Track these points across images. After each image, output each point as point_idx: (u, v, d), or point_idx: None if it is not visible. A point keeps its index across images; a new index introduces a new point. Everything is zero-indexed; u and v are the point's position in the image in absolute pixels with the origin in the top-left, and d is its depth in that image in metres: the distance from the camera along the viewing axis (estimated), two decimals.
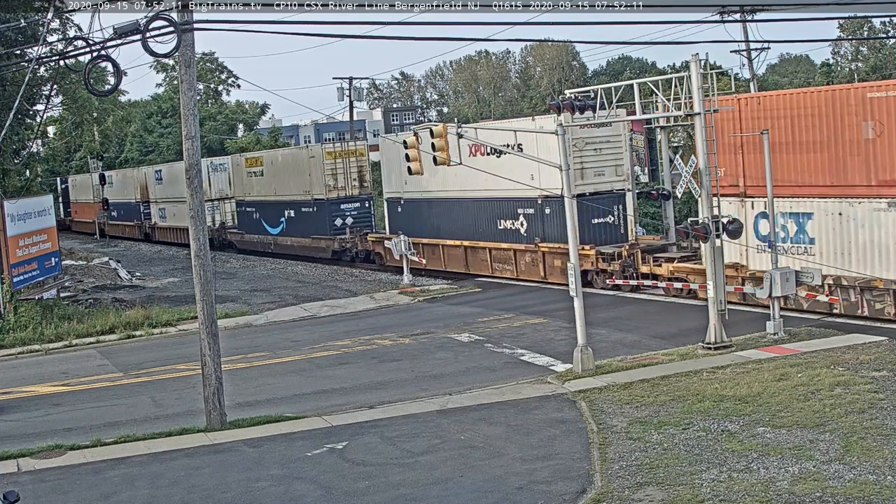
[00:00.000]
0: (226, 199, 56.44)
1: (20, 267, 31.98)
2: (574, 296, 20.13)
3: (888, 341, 20.04)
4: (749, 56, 45.03)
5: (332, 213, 44.23)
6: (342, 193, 44.55)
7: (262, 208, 50.39)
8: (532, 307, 28.55)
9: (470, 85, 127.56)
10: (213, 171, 56.05)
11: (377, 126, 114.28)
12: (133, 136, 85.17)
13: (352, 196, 44.64)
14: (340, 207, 44.38)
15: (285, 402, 19.68)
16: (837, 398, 16.13)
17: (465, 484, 13.82)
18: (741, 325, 22.48)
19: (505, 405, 17.92)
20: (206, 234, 18.37)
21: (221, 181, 56.26)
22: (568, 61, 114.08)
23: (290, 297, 35.34)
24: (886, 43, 76.56)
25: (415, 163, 22.28)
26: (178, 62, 18.08)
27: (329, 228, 44.21)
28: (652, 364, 20.06)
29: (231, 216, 56.02)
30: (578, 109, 21.47)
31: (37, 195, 37.12)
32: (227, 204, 56.22)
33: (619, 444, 14.94)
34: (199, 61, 77.84)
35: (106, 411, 20.26)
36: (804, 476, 12.80)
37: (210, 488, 14.56)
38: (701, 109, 21.01)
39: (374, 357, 23.63)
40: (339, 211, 44.36)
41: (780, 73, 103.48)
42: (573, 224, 20.66)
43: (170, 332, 29.32)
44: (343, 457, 15.59)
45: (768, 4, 34.89)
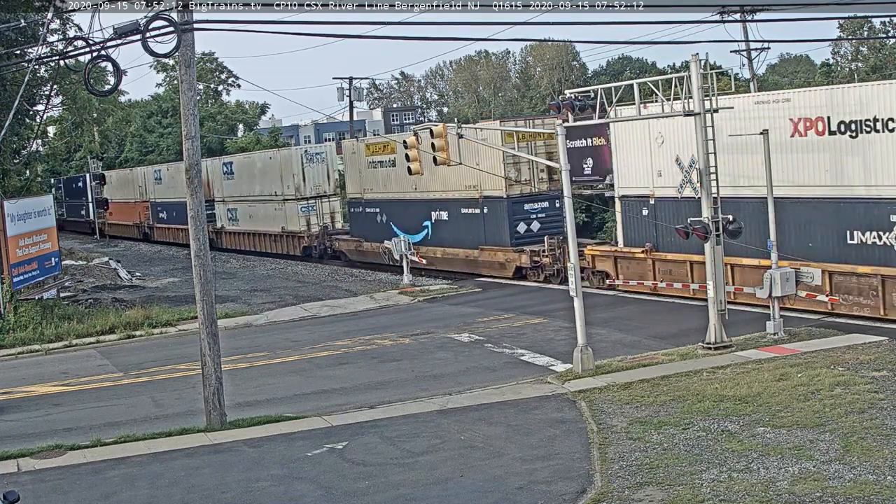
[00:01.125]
0: (325, 198, 46.62)
1: (20, 267, 31.98)
2: (574, 296, 20.13)
3: (888, 341, 20.04)
4: (749, 56, 45.06)
5: (514, 215, 33.27)
6: (525, 190, 33.60)
7: (390, 209, 39.55)
8: (532, 307, 28.55)
9: (470, 85, 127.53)
10: (308, 161, 45.90)
11: (377, 126, 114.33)
12: (133, 136, 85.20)
13: (539, 193, 33.76)
14: (524, 208, 33.45)
15: (285, 402, 19.68)
16: (837, 398, 16.13)
17: (465, 484, 13.82)
18: (741, 325, 22.47)
19: (505, 405, 17.92)
20: (206, 234, 18.33)
21: (318, 175, 46.28)
22: (568, 61, 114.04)
23: (290, 297, 35.34)
24: (886, 43, 76.55)
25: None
26: (178, 62, 18.09)
27: (510, 237, 33.35)
28: (652, 364, 20.06)
29: (334, 218, 46.53)
30: (578, 109, 21.47)
31: (37, 195, 37.11)
32: (327, 203, 46.55)
33: (619, 444, 14.94)
34: (199, 61, 77.86)
35: (106, 411, 20.26)
36: (804, 476, 12.80)
37: (210, 488, 14.56)
38: (701, 109, 21.00)
39: (374, 357, 23.62)
40: (523, 213, 33.40)
41: (780, 73, 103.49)
42: (572, 224, 20.69)
43: (170, 332, 29.33)
44: (343, 457, 15.59)
45: (768, 4, 34.91)
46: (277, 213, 47.93)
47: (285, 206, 47.09)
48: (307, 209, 45.83)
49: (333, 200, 46.61)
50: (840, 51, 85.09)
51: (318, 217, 45.87)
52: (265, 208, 49.16)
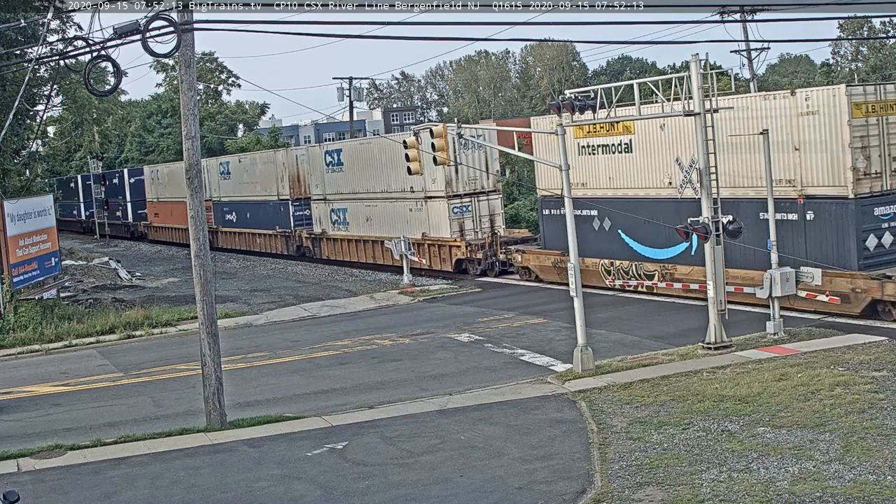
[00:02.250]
0: (482, 194, 36.22)
1: (20, 267, 31.98)
2: (574, 296, 20.13)
3: (888, 341, 20.05)
4: (749, 56, 45.05)
5: (863, 222, 22.78)
6: (877, 186, 22.98)
7: (619, 212, 28.03)
8: (532, 307, 28.56)
9: (470, 85, 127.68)
10: (462, 147, 33.60)
11: (377, 126, 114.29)
12: (133, 136, 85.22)
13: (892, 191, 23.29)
14: (874, 213, 23.00)
15: (285, 402, 19.68)
16: (837, 398, 16.13)
17: (465, 484, 13.82)
18: (741, 325, 22.48)
19: (505, 405, 17.93)
20: (206, 234, 18.33)
21: (476, 161, 35.89)
22: (568, 61, 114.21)
23: (290, 297, 35.35)
24: (886, 43, 76.58)
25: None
26: (178, 62, 18.10)
27: (857, 256, 22.73)
28: (652, 364, 20.07)
29: (494, 222, 36.38)
30: (578, 109, 21.45)
31: (37, 195, 37.11)
32: (485, 202, 36.27)
33: (619, 444, 14.94)
34: (199, 61, 77.82)
35: (106, 411, 20.26)
36: (804, 476, 12.80)
37: (210, 488, 14.56)
38: (701, 109, 21.00)
39: (374, 357, 23.63)
40: (874, 220, 22.98)
41: (780, 73, 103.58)
42: (572, 224, 20.69)
43: (170, 332, 29.33)
44: (343, 457, 15.59)
45: (768, 4, 34.93)
46: (414, 214, 37.78)
47: (427, 206, 37.03)
48: (460, 210, 35.64)
49: (494, 199, 36.54)
50: (840, 51, 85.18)
51: (474, 220, 35.93)
52: (393, 208, 39.25)
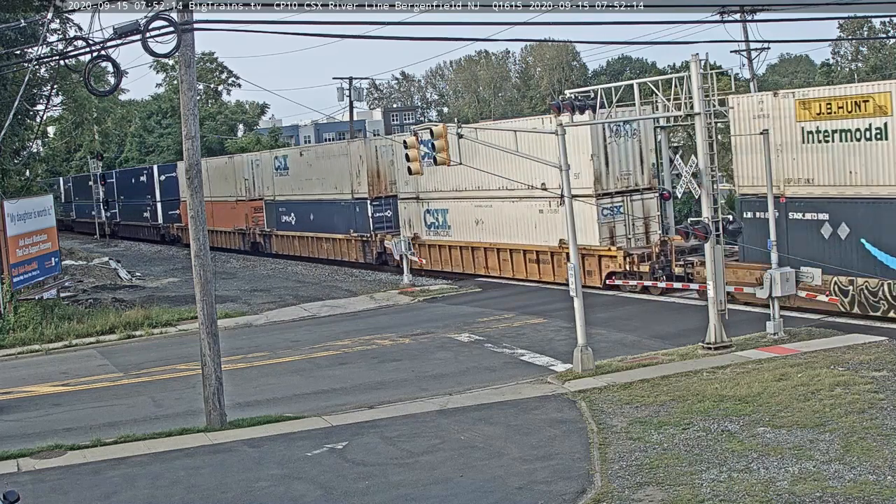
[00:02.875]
0: (636, 192, 30.50)
1: (20, 267, 31.97)
2: (574, 296, 20.13)
3: (888, 341, 20.05)
4: (749, 56, 44.98)
5: None
6: None
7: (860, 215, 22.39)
8: (532, 307, 28.55)
9: (470, 85, 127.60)
10: (615, 136, 29.58)
11: (377, 126, 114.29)
12: (133, 136, 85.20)
13: None
14: None
15: (285, 402, 19.68)
16: (837, 398, 16.13)
17: (465, 484, 13.81)
18: (741, 325, 22.48)
19: (505, 405, 17.92)
20: (206, 234, 18.32)
21: (626, 157, 30.13)
22: (568, 61, 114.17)
23: (290, 297, 35.35)
24: (886, 43, 76.58)
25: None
26: (178, 62, 18.10)
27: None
28: (652, 364, 20.06)
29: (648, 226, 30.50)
30: (578, 109, 21.46)
31: (37, 195, 37.11)
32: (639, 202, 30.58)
33: (619, 444, 14.94)
34: (199, 61, 77.79)
35: (106, 411, 20.26)
36: (804, 476, 12.80)
37: (210, 488, 14.56)
38: (701, 109, 21.01)
39: (374, 357, 23.62)
40: None
41: (780, 73, 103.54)
42: (572, 224, 20.68)
43: (170, 332, 29.33)
44: (343, 457, 15.59)
45: (768, 4, 34.93)
46: (546, 217, 31.74)
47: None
48: (611, 212, 29.78)
49: (649, 198, 30.83)
50: (840, 51, 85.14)
51: (626, 225, 30.04)
52: (515, 210, 33.13)
